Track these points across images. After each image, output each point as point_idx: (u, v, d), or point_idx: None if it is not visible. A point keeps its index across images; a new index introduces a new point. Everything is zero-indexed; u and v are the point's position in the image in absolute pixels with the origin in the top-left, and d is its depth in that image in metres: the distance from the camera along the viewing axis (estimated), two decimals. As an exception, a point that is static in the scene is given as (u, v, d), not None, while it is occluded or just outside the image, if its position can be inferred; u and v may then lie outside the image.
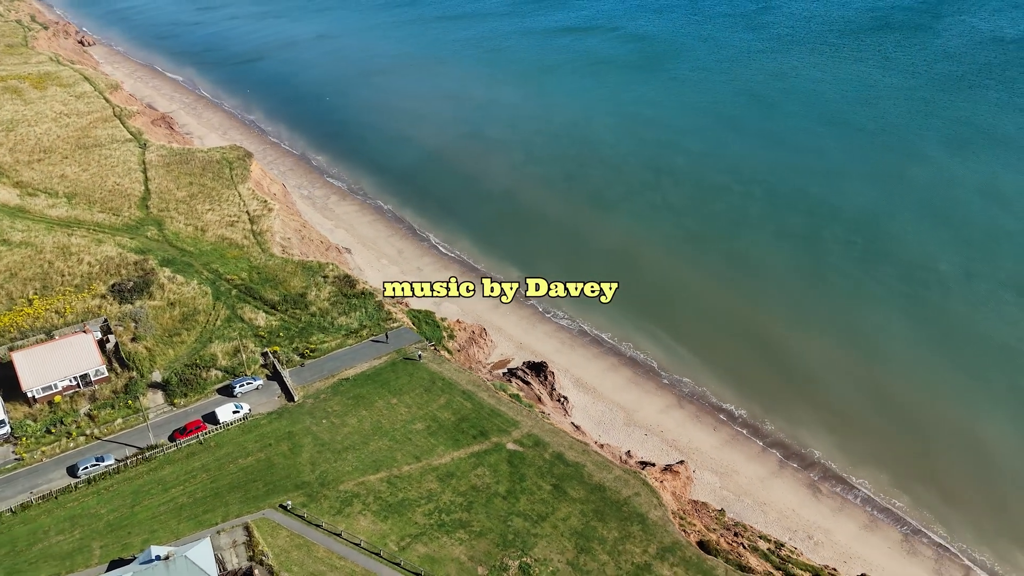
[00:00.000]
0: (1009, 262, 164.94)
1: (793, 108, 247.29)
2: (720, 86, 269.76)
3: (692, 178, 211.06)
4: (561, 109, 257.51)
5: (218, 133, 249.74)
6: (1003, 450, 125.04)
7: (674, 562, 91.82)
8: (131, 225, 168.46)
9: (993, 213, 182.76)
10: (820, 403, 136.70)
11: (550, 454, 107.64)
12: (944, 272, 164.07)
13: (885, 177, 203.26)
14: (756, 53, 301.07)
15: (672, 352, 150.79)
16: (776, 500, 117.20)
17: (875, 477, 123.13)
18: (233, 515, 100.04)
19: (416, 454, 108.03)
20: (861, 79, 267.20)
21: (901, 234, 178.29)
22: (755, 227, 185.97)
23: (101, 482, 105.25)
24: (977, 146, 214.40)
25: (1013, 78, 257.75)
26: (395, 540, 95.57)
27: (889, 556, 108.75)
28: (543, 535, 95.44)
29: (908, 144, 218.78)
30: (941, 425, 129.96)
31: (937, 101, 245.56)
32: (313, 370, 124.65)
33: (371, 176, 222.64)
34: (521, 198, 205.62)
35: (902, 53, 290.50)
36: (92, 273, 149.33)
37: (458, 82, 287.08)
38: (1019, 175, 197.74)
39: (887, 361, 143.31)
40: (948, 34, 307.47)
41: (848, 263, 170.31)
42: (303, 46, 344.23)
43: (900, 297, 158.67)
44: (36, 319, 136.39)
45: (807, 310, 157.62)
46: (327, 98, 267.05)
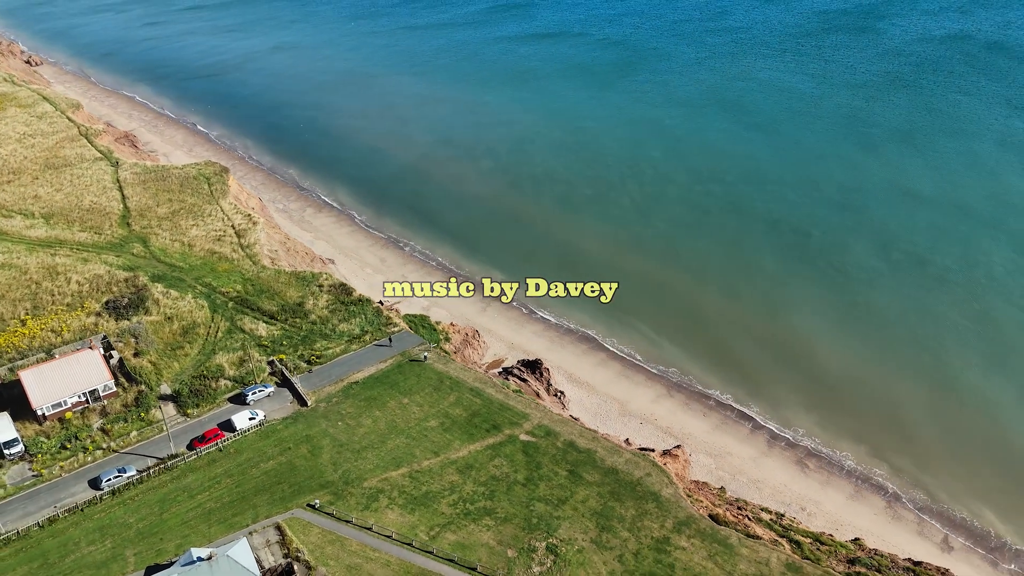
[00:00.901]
0: (960, 249, 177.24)
1: (750, 109, 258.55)
2: (681, 91, 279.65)
3: (654, 181, 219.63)
4: (523, 116, 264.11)
5: (184, 150, 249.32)
6: (965, 416, 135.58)
7: (690, 534, 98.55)
8: (115, 243, 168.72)
9: (941, 203, 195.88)
10: (797, 385, 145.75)
11: (562, 442, 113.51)
12: (898, 261, 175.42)
13: (835, 171, 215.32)
14: (713, 58, 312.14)
15: (655, 344, 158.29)
16: (768, 477, 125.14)
17: (855, 450, 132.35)
18: (263, 516, 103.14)
19: (434, 449, 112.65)
20: (806, 82, 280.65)
21: (856, 226, 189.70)
22: (718, 224, 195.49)
23: (125, 493, 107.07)
24: (920, 140, 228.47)
25: (945, 74, 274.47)
26: (424, 530, 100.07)
27: (876, 521, 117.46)
28: (565, 517, 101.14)
29: (860, 138, 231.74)
30: (908, 398, 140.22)
31: (880, 99, 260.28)
32: (321, 376, 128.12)
33: (344, 187, 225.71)
34: (494, 203, 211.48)
35: (842, 55, 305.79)
36: (82, 291, 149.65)
37: (423, 92, 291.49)
38: (959, 165, 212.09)
39: (854, 342, 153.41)
40: (887, 35, 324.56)
41: (809, 254, 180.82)
42: (262, 60, 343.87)
43: (858, 283, 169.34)
44: (32, 339, 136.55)
45: (775, 299, 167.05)
46: (301, 125, 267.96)
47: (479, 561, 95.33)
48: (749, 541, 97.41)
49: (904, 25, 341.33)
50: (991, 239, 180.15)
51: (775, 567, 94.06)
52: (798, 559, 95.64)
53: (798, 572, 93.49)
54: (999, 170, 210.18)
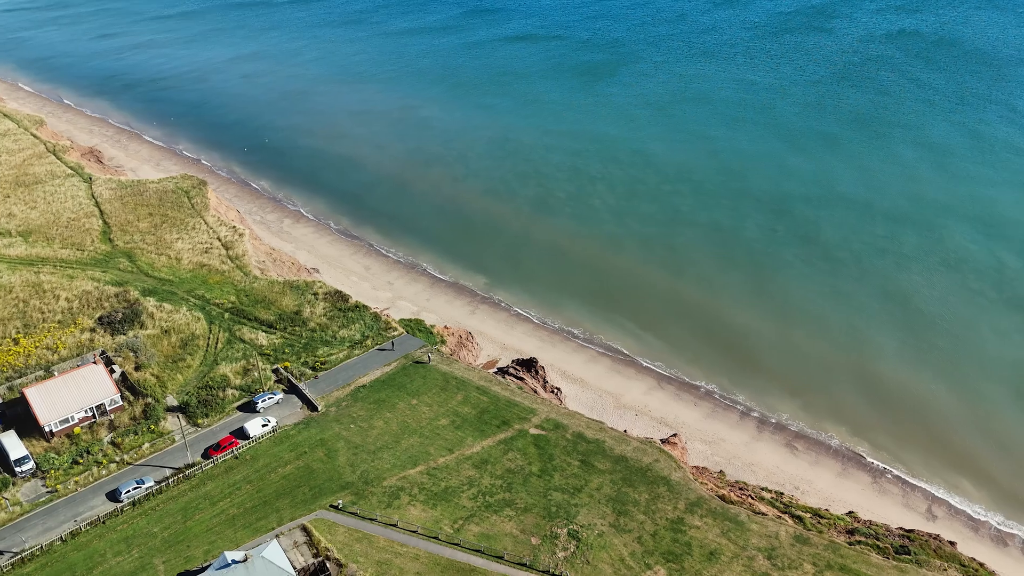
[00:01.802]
0: (918, 237, 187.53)
1: (712, 108, 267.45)
2: (647, 92, 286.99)
3: (624, 182, 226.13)
4: (491, 122, 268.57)
5: (151, 164, 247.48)
6: (934, 395, 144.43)
7: (702, 513, 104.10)
8: (99, 259, 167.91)
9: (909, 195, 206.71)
10: (777, 372, 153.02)
11: (571, 434, 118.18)
12: (860, 251, 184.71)
13: (795, 167, 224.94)
14: (675, 62, 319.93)
15: (640, 340, 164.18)
16: (761, 460, 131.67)
17: (837, 430, 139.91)
18: (287, 519, 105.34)
19: (448, 447, 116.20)
20: (766, 81, 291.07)
21: (815, 219, 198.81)
22: (688, 222, 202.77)
23: (146, 503, 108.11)
24: (873, 134, 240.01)
25: (892, 71, 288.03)
26: (448, 524, 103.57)
27: (864, 496, 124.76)
28: (582, 504, 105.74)
29: (818, 133, 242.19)
30: (881, 379, 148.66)
31: (832, 95, 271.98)
32: (328, 381, 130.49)
33: (320, 197, 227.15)
34: (472, 208, 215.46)
35: (797, 54, 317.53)
36: (72, 308, 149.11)
37: (391, 99, 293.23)
38: (911, 157, 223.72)
39: (826, 329, 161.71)
40: (839, 34, 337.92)
41: (775, 246, 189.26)
42: (227, 71, 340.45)
43: (824, 273, 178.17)
44: (28, 357, 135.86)
45: (748, 292, 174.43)
46: (267, 140, 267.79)
47: (505, 550, 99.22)
48: (757, 517, 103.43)
49: (855, 23, 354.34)
50: (954, 226, 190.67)
51: (784, 540, 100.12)
52: (803, 531, 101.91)
53: (806, 543, 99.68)
54: (946, 162, 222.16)
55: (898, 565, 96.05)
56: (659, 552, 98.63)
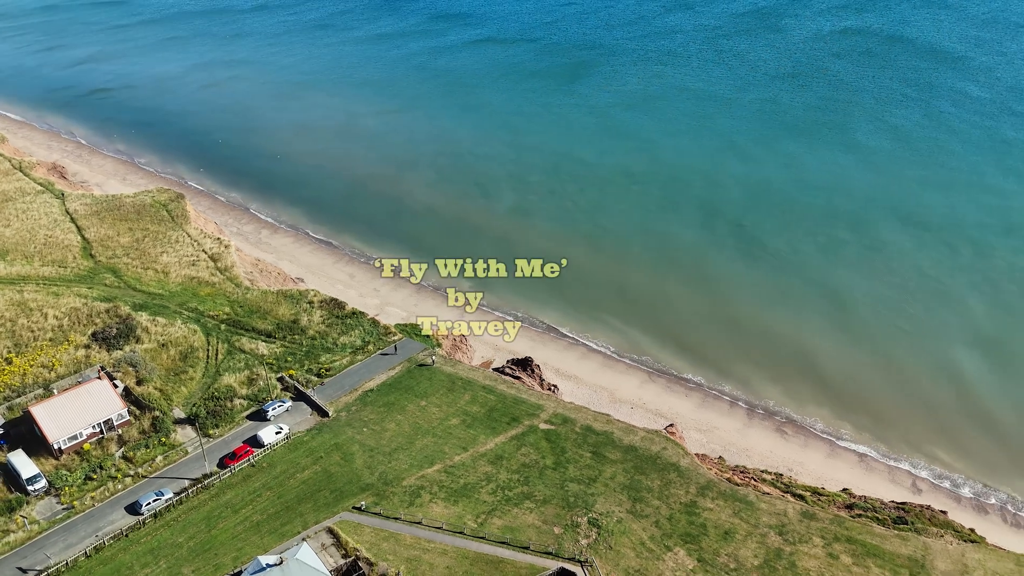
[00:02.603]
0: (877, 231, 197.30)
1: (672, 108, 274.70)
2: (607, 94, 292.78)
3: (594, 183, 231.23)
4: (459, 126, 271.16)
5: (117, 179, 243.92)
6: (906, 375, 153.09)
7: (714, 496, 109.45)
8: (83, 275, 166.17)
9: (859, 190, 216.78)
10: (758, 360, 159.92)
11: (580, 427, 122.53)
12: (824, 243, 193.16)
13: (756, 165, 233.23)
14: (639, 63, 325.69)
15: (626, 336, 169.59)
16: (754, 445, 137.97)
17: (821, 414, 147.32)
18: (311, 523, 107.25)
19: (462, 445, 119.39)
20: (724, 79, 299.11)
21: (782, 212, 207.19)
22: (659, 219, 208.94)
23: (167, 515, 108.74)
24: (832, 130, 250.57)
25: (843, 69, 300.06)
26: (471, 519, 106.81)
27: (853, 474, 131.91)
28: (599, 493, 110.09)
29: (782, 129, 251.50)
30: (855, 363, 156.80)
31: (784, 94, 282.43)
32: (334, 387, 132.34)
33: (295, 207, 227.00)
34: (446, 213, 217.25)
35: (755, 53, 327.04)
36: (62, 325, 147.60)
37: (358, 106, 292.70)
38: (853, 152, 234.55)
39: (800, 318, 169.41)
40: (793, 33, 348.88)
41: (744, 241, 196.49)
42: (183, 81, 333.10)
43: (792, 265, 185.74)
44: (24, 376, 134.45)
45: (723, 285, 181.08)
46: (218, 140, 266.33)
47: (530, 540, 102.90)
48: (765, 497, 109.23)
49: (804, 23, 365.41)
50: (917, 216, 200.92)
51: (793, 516, 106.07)
52: (809, 508, 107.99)
53: (813, 518, 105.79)
54: (894, 154, 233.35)
55: (899, 534, 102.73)
56: (677, 534, 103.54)
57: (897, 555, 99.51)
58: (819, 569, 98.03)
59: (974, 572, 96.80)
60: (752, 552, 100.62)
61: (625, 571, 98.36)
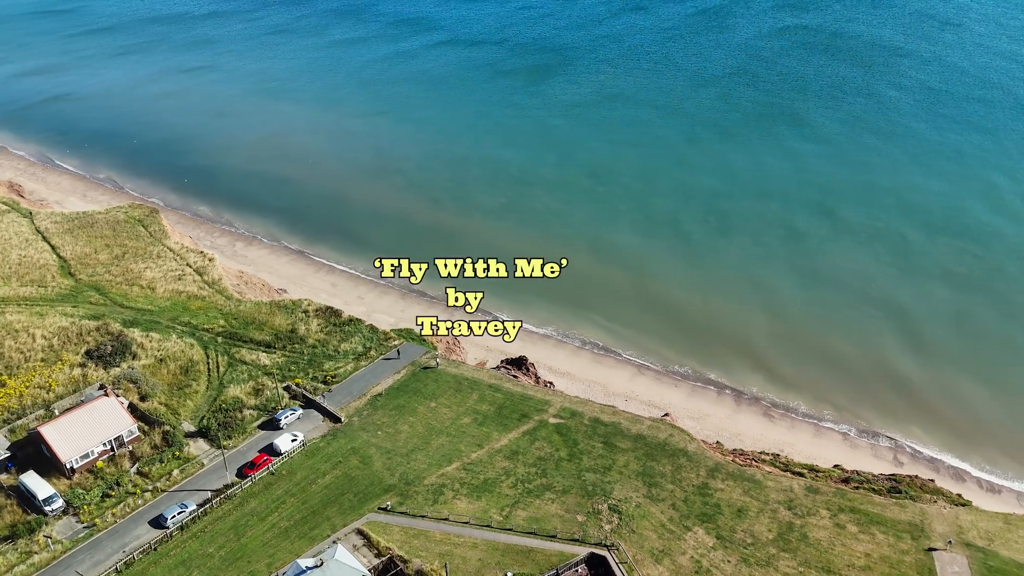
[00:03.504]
0: (835, 219, 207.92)
1: (626, 114, 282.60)
2: (568, 95, 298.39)
3: (559, 186, 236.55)
4: (424, 132, 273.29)
5: (77, 196, 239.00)
6: (879, 354, 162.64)
7: (723, 477, 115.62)
8: (65, 294, 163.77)
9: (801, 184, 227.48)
10: (738, 349, 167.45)
11: (588, 420, 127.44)
12: (782, 236, 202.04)
13: (713, 163, 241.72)
14: (604, 64, 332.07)
15: (612, 332, 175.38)
16: (746, 429, 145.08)
17: (803, 397, 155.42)
18: (339, 526, 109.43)
19: (477, 442, 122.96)
20: (679, 78, 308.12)
21: (741, 208, 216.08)
22: (628, 218, 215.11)
23: (193, 526, 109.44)
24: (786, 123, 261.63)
25: (786, 69, 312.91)
26: (496, 512, 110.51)
27: (839, 452, 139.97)
28: (615, 481, 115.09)
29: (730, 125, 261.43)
30: (827, 344, 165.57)
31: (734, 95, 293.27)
32: (342, 393, 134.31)
33: (265, 218, 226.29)
34: (419, 218, 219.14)
35: (711, 52, 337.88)
36: (52, 345, 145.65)
37: (316, 114, 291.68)
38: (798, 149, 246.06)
39: (773, 306, 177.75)
40: (742, 31, 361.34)
41: (711, 234, 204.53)
42: (138, 91, 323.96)
43: (745, 258, 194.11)
44: (21, 397, 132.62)
45: (696, 279, 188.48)
46: (179, 152, 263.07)
47: (556, 529, 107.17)
48: (771, 476, 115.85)
49: (756, 21, 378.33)
50: (872, 204, 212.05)
51: (799, 492, 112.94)
52: (812, 483, 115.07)
53: (817, 492, 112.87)
54: (843, 147, 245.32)
55: (897, 502, 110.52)
56: (694, 515, 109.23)
57: (898, 521, 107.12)
58: (829, 539, 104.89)
59: (969, 532, 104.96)
60: (766, 527, 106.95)
61: (650, 552, 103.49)
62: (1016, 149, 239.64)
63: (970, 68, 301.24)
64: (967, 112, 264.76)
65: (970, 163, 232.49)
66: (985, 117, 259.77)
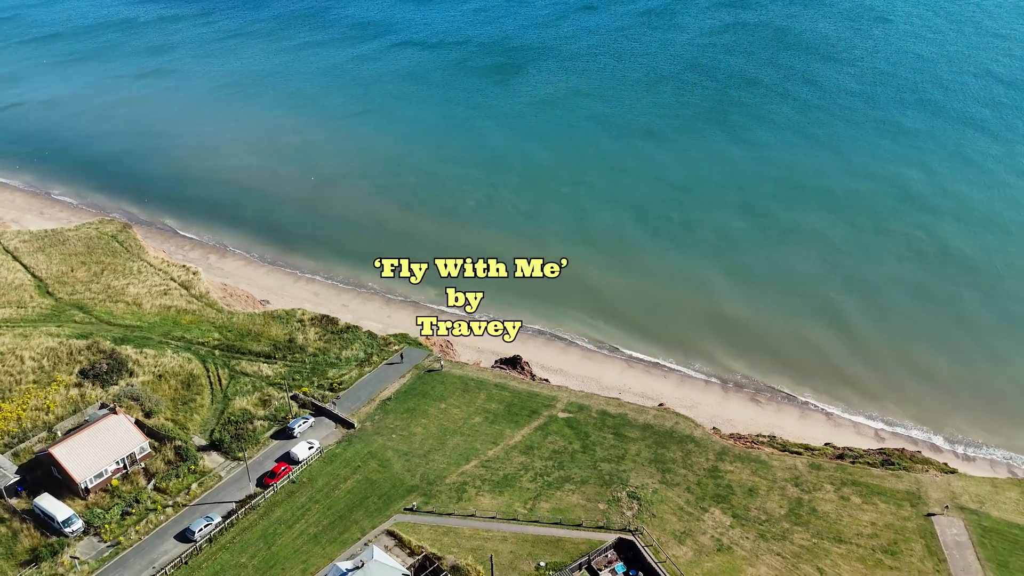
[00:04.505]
0: (794, 211, 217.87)
1: (586, 114, 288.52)
2: (534, 93, 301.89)
3: (529, 188, 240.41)
4: (382, 137, 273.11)
5: (34, 214, 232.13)
6: (850, 336, 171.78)
7: (731, 459, 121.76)
8: (47, 314, 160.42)
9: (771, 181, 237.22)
10: (716, 339, 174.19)
11: (596, 412, 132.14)
12: (744, 229, 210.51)
13: (681, 163, 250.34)
14: (567, 66, 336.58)
15: (596, 328, 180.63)
16: (736, 415, 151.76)
17: (783, 381, 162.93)
18: (368, 528, 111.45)
19: (491, 440, 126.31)
20: (635, 77, 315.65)
21: (702, 202, 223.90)
22: (596, 218, 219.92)
23: (221, 538, 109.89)
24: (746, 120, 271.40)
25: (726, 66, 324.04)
26: (520, 505, 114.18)
27: (825, 431, 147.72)
28: (630, 469, 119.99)
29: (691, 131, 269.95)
30: (800, 332, 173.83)
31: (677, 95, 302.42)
32: (350, 399, 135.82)
33: (234, 230, 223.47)
34: (391, 223, 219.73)
35: (661, 50, 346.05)
36: (43, 367, 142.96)
37: (273, 121, 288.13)
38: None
39: (747, 294, 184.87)
40: (689, 29, 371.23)
41: (672, 229, 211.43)
42: (87, 102, 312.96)
43: (714, 250, 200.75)
44: (19, 420, 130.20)
45: (668, 271, 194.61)
46: (138, 164, 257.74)
47: (581, 518, 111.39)
48: (774, 456, 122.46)
49: (701, 20, 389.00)
50: (825, 194, 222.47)
51: (803, 469, 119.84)
52: (814, 460, 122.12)
53: (820, 469, 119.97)
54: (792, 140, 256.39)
55: (893, 473, 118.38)
56: (708, 497, 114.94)
57: (896, 491, 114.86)
58: (836, 511, 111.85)
59: (961, 497, 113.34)
60: (777, 504, 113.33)
61: (672, 534, 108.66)
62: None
63: (902, 66, 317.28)
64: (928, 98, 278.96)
65: (918, 150, 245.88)
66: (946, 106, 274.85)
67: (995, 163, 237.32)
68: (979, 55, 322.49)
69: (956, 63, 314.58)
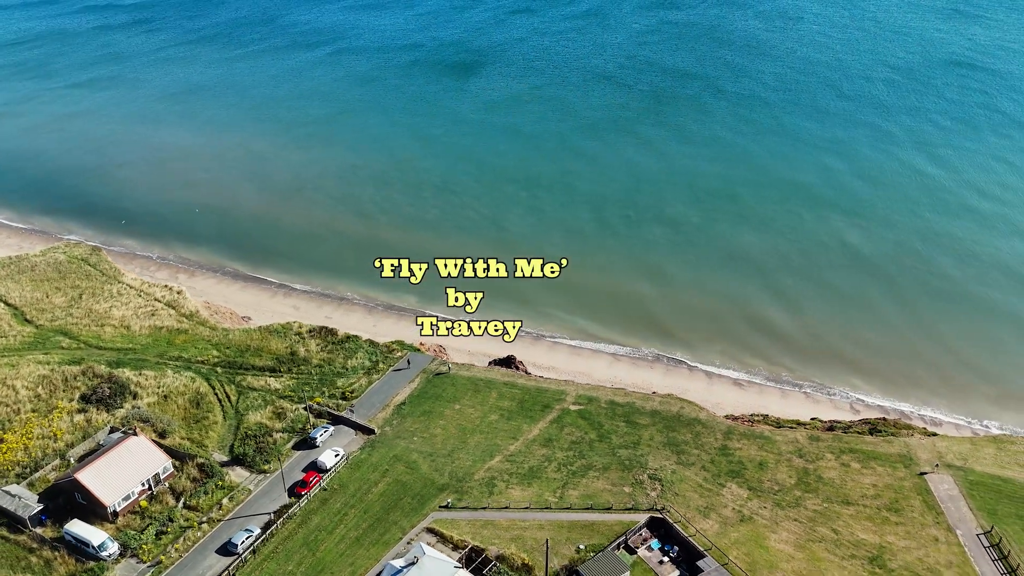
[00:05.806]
0: (744, 201, 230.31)
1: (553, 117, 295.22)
2: (493, 95, 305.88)
3: (487, 192, 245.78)
4: (331, 147, 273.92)
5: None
6: (815, 321, 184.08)
7: (738, 437, 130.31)
8: (31, 342, 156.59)
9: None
10: (691, 327, 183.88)
11: (604, 403, 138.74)
12: (695, 223, 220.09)
13: (629, 162, 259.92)
14: (518, 70, 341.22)
15: (577, 325, 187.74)
16: (724, 399, 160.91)
17: (759, 364, 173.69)
18: (408, 528, 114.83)
19: (511, 436, 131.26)
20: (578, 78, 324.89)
21: (655, 202, 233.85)
22: (557, 218, 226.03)
23: (263, 549, 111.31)
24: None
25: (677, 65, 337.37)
26: (550, 495, 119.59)
27: (805, 407, 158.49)
28: (647, 453, 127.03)
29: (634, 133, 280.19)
30: (767, 313, 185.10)
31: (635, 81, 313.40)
32: (364, 407, 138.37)
33: (198, 248, 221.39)
34: (354, 233, 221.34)
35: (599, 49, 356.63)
36: (39, 395, 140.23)
37: (225, 136, 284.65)
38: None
39: (716, 283, 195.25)
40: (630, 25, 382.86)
41: (638, 222, 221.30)
42: (25, 119, 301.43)
43: (669, 243, 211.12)
44: (27, 450, 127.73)
45: (639, 264, 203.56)
46: (87, 182, 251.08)
47: (610, 502, 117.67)
48: (777, 432, 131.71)
49: (636, 19, 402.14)
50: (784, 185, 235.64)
51: (804, 442, 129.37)
52: (812, 433, 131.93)
53: (819, 440, 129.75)
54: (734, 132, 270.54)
55: (884, 439, 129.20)
56: (723, 473, 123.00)
57: (889, 455, 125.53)
58: (840, 477, 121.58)
59: (947, 456, 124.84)
60: (786, 474, 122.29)
61: (697, 510, 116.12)
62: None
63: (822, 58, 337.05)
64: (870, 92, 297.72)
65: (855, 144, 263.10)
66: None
67: (905, 134, 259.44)
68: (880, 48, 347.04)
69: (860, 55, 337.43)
